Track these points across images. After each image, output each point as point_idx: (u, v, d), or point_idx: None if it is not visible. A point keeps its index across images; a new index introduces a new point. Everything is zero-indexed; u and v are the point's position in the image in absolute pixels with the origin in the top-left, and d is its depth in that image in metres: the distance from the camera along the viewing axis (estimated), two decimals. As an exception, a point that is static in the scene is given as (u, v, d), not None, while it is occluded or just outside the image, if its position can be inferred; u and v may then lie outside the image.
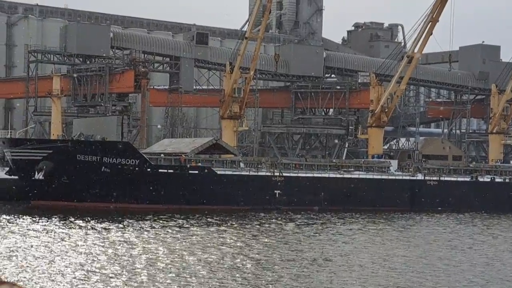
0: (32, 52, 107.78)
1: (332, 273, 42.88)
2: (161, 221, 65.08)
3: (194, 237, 55.91)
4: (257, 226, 64.80)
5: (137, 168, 78.92)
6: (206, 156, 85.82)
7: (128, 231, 58.01)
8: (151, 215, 69.18)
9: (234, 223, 67.15)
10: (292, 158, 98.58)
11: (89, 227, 59.89)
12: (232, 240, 54.31)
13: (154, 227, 60.85)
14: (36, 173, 77.81)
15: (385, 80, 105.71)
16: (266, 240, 55.28)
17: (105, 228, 59.27)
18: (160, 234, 56.58)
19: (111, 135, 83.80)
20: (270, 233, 60.46)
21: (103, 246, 49.70)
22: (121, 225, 61.38)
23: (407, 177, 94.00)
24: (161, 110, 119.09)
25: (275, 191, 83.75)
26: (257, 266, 44.13)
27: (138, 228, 60.29)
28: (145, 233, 57.46)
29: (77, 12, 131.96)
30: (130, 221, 64.48)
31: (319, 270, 43.55)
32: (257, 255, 47.93)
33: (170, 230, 58.99)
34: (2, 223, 60.18)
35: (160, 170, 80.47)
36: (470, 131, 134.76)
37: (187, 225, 63.48)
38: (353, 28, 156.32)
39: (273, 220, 70.43)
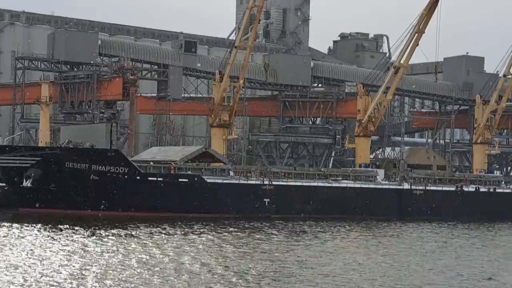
0: (19, 59, 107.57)
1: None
2: (148, 228, 65.31)
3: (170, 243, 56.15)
4: (239, 234, 65.15)
5: (126, 176, 79.02)
6: (195, 164, 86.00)
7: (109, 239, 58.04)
8: (139, 222, 69.33)
9: (220, 230, 67.36)
10: (281, 167, 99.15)
11: (73, 234, 59.96)
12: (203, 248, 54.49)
13: (135, 236, 60.97)
14: (24, 180, 77.70)
15: (371, 90, 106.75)
16: (238, 247, 55.65)
17: (82, 235, 59.38)
18: (147, 242, 56.69)
19: (100, 143, 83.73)
20: (244, 240, 60.85)
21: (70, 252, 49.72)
22: (103, 233, 61.39)
23: (394, 186, 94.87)
24: (148, 117, 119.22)
25: (265, 200, 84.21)
26: (218, 273, 44.23)
27: (122, 235, 60.32)
28: (130, 240, 57.60)
29: (64, 19, 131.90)
30: (114, 230, 64.44)
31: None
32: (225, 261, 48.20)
33: (157, 237, 59.15)
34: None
35: (149, 178, 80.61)
36: (454, 141, 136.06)
37: (168, 232, 63.50)
38: (339, 38, 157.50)
39: (256, 227, 70.86)
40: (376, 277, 45.34)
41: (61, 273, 42.45)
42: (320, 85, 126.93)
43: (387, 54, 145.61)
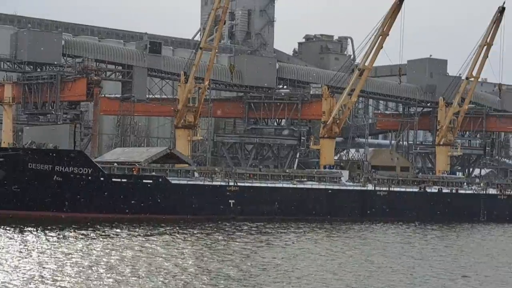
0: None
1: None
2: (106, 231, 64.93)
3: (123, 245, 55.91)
4: (199, 235, 65.07)
5: (90, 177, 78.41)
6: (160, 166, 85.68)
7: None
8: (102, 224, 68.88)
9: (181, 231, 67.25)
10: (246, 168, 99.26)
11: (36, 235, 59.41)
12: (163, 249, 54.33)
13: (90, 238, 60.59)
14: (-14, 181, 76.64)
15: (336, 92, 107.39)
16: (196, 249, 55.65)
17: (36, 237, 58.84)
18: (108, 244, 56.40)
19: (63, 144, 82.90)
20: (201, 241, 60.80)
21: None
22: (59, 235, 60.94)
23: (358, 188, 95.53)
24: (112, 118, 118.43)
25: (230, 201, 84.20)
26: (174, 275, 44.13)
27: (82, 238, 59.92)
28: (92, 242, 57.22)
29: (27, 19, 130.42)
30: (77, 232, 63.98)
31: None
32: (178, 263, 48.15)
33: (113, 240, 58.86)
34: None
35: (113, 179, 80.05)
36: (417, 142, 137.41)
37: (124, 234, 63.21)
38: (304, 40, 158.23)
39: (220, 229, 70.86)
40: (341, 278, 45.60)
41: (16, 274, 42.06)
42: (285, 86, 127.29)
43: (352, 56, 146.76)
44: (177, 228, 70.22)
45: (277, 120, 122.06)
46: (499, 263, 56.66)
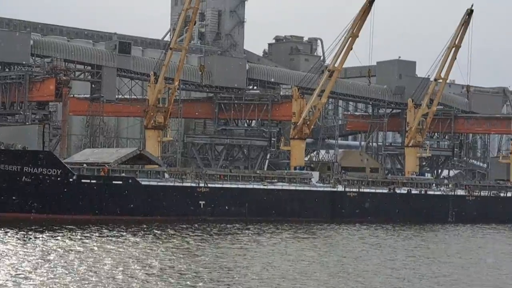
0: None
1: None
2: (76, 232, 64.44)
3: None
4: (165, 236, 64.87)
5: (59, 178, 77.78)
6: (129, 167, 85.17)
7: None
8: (71, 225, 68.33)
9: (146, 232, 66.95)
10: (217, 169, 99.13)
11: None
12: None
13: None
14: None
15: (306, 93, 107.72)
16: (165, 250, 55.39)
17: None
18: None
19: (32, 144, 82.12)
20: (169, 242, 60.63)
21: None
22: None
23: (328, 189, 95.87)
24: (81, 119, 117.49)
25: (200, 202, 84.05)
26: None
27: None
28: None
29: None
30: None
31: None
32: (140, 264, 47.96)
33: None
34: None
35: (83, 180, 79.47)
36: (387, 144, 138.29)
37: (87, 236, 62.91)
38: (274, 41, 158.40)
39: (189, 230, 70.67)
40: (309, 279, 45.70)
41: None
42: (255, 87, 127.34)
43: (322, 58, 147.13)
44: (147, 229, 69.89)
45: (248, 121, 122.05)
46: (467, 263, 57.17)
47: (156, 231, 68.15)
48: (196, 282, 42.72)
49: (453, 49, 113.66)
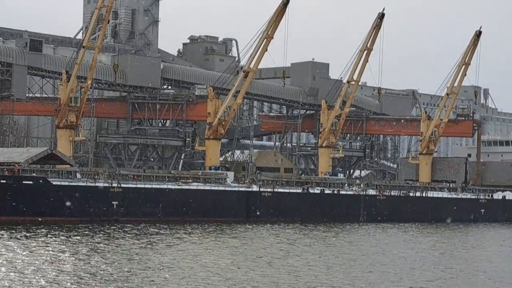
0: None
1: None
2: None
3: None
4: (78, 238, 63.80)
5: (-34, 178, 75.24)
6: (40, 166, 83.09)
7: None
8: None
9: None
10: (130, 169, 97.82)
11: None
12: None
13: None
14: None
15: (221, 93, 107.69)
16: (74, 251, 54.57)
17: None
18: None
19: None
20: (80, 242, 59.75)
21: None
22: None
23: (243, 189, 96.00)
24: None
25: (113, 202, 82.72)
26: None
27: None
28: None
29: None
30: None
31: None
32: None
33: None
34: None
35: (-9, 181, 77.04)
36: (301, 144, 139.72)
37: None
38: (188, 41, 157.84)
39: (100, 231, 69.57)
40: (222, 279, 45.66)
41: None
42: (170, 87, 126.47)
43: (236, 58, 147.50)
44: (57, 230, 68.36)
45: (162, 120, 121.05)
46: (374, 261, 58.17)
47: (66, 232, 66.79)
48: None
49: (365, 52, 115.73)
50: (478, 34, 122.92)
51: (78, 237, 64.00)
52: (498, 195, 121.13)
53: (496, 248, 74.64)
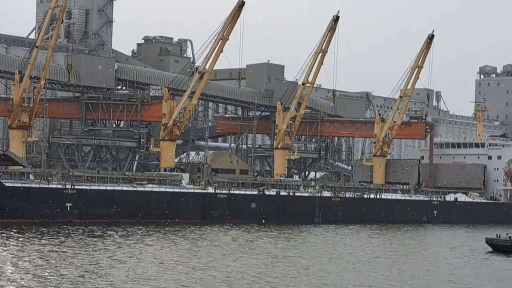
0: None
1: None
2: None
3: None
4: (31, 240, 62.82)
5: None
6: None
7: None
8: None
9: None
10: (84, 171, 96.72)
11: None
12: None
13: None
14: None
15: (176, 94, 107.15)
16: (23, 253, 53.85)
17: None
18: None
19: None
20: (30, 245, 58.97)
21: None
22: None
23: (199, 190, 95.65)
24: None
25: (67, 204, 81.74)
26: None
27: None
28: None
29: None
30: None
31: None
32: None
33: None
34: None
35: None
36: (256, 146, 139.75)
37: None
38: (143, 41, 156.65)
39: (52, 233, 68.62)
40: (178, 279, 45.41)
41: None
42: (124, 87, 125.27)
43: (192, 59, 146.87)
44: (8, 232, 67.18)
45: (116, 121, 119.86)
46: (329, 261, 58.48)
47: (15, 234, 65.72)
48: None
49: (320, 54, 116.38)
50: (431, 37, 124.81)
51: (29, 240, 63.02)
52: (450, 197, 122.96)
53: (437, 249, 74.96)
